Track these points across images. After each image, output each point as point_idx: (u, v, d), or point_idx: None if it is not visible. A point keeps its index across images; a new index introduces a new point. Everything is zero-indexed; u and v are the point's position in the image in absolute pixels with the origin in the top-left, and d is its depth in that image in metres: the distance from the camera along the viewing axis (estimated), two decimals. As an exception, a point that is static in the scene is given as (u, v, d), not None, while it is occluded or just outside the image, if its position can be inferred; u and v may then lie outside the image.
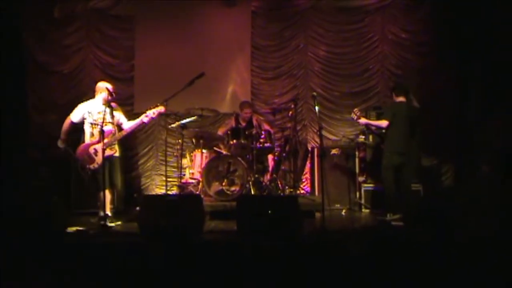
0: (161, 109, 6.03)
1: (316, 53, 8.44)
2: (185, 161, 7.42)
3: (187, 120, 6.75)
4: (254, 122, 7.59)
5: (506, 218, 4.85)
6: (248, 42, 8.44)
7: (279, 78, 8.51)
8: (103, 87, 6.04)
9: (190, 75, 6.24)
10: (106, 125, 5.86)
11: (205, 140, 7.23)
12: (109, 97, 5.96)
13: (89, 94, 8.25)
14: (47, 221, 4.99)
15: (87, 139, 5.98)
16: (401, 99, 6.44)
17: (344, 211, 7.13)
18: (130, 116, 6.57)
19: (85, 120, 6.00)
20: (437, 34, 7.98)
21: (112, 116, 6.00)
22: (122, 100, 6.34)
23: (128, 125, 6.12)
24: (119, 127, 6.14)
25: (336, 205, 7.29)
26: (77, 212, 6.73)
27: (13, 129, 7.88)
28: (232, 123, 7.68)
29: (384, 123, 6.37)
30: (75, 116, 6.05)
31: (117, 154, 6.10)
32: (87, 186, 6.18)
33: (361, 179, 7.46)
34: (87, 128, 6.01)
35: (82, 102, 7.70)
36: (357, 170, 7.51)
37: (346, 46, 8.38)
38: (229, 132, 7.13)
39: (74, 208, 6.91)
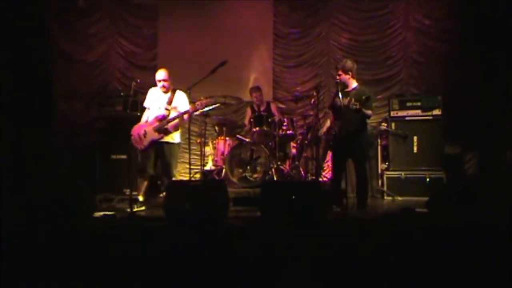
0: (208, 101, 6.11)
1: (339, 41, 8.43)
2: (208, 149, 7.50)
3: (210, 107, 6.79)
4: (273, 109, 7.69)
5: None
6: (270, 30, 8.49)
7: (301, 66, 8.53)
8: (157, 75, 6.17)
9: (212, 63, 6.26)
10: (159, 108, 6.04)
11: (227, 127, 7.30)
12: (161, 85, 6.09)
13: (113, 82, 8.48)
14: (73, 206, 5.08)
15: (142, 121, 6.18)
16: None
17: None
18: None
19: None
20: (462, 20, 7.86)
21: (170, 103, 6.08)
22: (146, 88, 6.44)
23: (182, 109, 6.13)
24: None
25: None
26: (102, 198, 6.83)
27: (39, 116, 8.03)
28: (249, 112, 7.77)
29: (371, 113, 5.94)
30: (146, 102, 6.26)
31: (169, 140, 6.08)
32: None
33: (383, 166, 7.45)
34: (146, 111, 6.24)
35: (106, 90, 7.89)
36: (379, 158, 7.49)
37: (369, 33, 8.33)
38: (251, 119, 7.17)
39: (99, 193, 7.01)
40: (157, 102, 6.12)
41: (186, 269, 3.98)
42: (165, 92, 6.14)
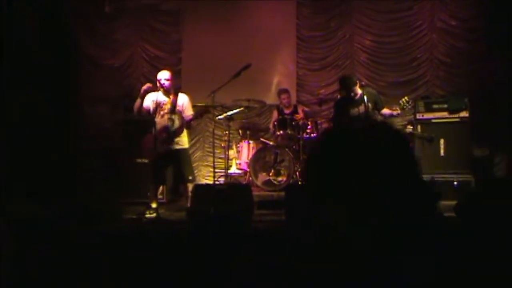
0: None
1: (362, 43, 8.35)
2: (232, 152, 7.51)
3: (234, 111, 6.80)
4: (299, 111, 7.63)
5: None
6: (293, 33, 8.47)
7: (325, 69, 8.47)
8: (158, 77, 5.88)
9: (236, 67, 6.26)
10: (162, 116, 5.78)
11: (251, 131, 7.30)
12: (161, 86, 5.82)
13: (138, 87, 8.54)
14: (101, 209, 5.10)
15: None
16: None
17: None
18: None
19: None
20: (488, 19, 7.70)
21: (173, 109, 5.81)
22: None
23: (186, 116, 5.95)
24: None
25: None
26: (128, 202, 6.86)
27: (66, 120, 8.15)
28: (275, 115, 7.73)
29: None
30: (145, 101, 5.83)
31: (179, 147, 5.88)
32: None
33: (409, 170, 7.33)
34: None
35: (132, 94, 7.96)
36: (405, 161, 7.37)
37: (393, 35, 8.23)
38: (275, 123, 7.16)
39: (125, 197, 7.04)
40: (160, 109, 5.81)
41: (208, 273, 3.98)
42: (167, 93, 5.82)
